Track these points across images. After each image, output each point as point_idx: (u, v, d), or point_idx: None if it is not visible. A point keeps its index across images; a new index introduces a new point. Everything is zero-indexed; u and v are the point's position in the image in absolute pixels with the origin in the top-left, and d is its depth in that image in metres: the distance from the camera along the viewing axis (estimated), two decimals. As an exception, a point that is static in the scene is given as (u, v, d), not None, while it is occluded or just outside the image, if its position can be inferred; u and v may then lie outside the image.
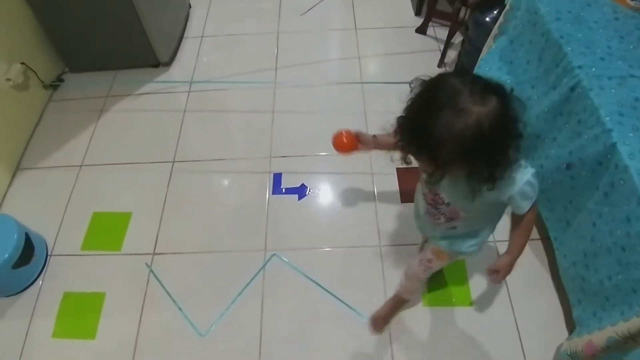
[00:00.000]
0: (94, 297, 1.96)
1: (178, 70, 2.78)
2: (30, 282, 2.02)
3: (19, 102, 2.50)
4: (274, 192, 2.19)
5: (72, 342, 1.86)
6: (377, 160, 2.25)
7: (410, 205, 2.09)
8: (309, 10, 3.07)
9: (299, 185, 2.21)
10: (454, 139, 0.93)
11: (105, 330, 1.87)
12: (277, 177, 2.24)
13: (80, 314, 1.93)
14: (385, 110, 2.43)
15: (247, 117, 2.51)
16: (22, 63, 2.47)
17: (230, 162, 2.33)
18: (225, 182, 2.30)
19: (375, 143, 1.53)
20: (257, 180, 2.24)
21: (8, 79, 2.36)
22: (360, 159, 2.26)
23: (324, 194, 2.19)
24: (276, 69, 2.72)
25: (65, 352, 1.83)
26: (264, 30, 2.96)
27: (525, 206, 1.18)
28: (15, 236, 1.93)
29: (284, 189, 2.20)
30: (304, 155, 2.32)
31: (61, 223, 2.19)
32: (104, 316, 1.90)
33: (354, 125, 2.38)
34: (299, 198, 2.17)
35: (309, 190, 2.19)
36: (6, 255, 1.87)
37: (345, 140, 1.55)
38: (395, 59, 2.73)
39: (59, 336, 1.87)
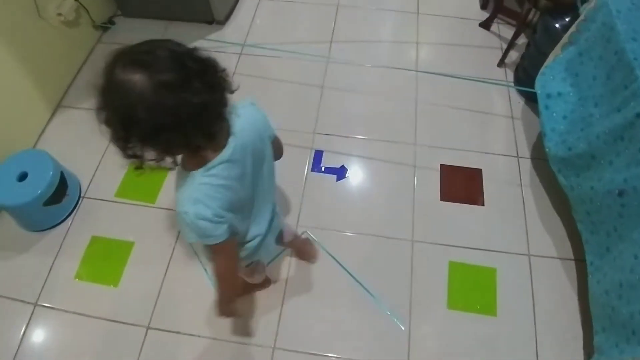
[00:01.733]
0: (123, 244, 1.96)
1: (232, 30, 2.72)
2: (59, 220, 2.03)
3: (68, 39, 2.47)
4: (313, 169, 2.15)
5: (93, 286, 1.86)
6: (421, 153, 2.19)
7: (450, 204, 2.06)
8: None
9: (339, 166, 2.16)
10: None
11: (128, 279, 1.88)
12: (318, 155, 2.19)
13: (106, 259, 1.93)
14: (435, 102, 2.39)
15: (295, 89, 2.45)
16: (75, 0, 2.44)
17: (273, 131, 2.28)
18: (265, 151, 2.25)
19: None
20: (298, 154, 2.20)
21: (59, 14, 2.34)
22: (405, 149, 2.20)
23: (363, 179, 2.14)
24: (331, 42, 2.65)
25: (86, 294, 1.84)
26: (324, 0, 2.88)
27: (189, 237, 1.04)
28: (51, 173, 1.93)
29: (323, 168, 2.15)
30: (347, 136, 2.26)
31: (97, 167, 2.18)
32: (130, 265, 1.91)
33: (401, 112, 2.35)
34: (337, 179, 2.12)
35: (349, 173, 2.14)
36: (39, 192, 1.88)
37: None
38: (454, 51, 2.63)
39: (81, 278, 1.88)
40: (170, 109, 0.85)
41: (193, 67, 0.88)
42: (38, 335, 1.77)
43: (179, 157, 1.01)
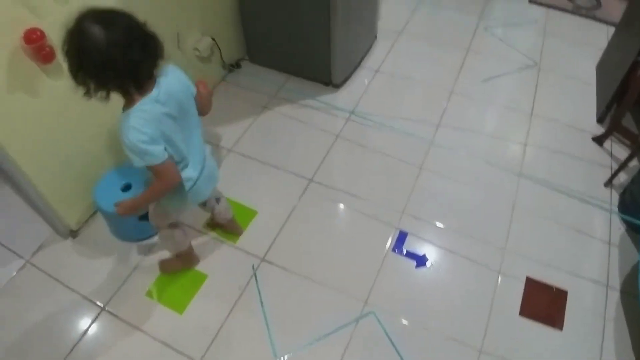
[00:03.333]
0: (197, 275, 2.02)
1: (345, 94, 2.83)
2: (147, 235, 2.13)
3: (197, 72, 2.66)
4: (394, 249, 2.12)
5: (160, 308, 1.92)
6: (509, 260, 2.09)
7: (528, 321, 1.93)
8: (490, 79, 2.99)
9: (421, 254, 2.11)
10: None
11: (193, 309, 1.92)
12: (402, 236, 2.16)
13: (178, 285, 1.99)
14: (533, 209, 2.30)
15: (393, 163, 2.47)
16: (213, 39, 2.66)
17: (363, 202, 2.30)
18: (351, 219, 2.26)
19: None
20: (382, 230, 2.19)
21: (196, 49, 2.55)
22: (493, 252, 2.12)
23: (443, 272, 2.07)
24: (438, 126, 2.66)
25: (151, 313, 1.90)
26: (439, 83, 2.93)
27: (135, 161, 1.37)
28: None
29: (405, 251, 2.12)
30: (436, 224, 2.22)
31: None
32: (198, 297, 1.95)
33: (496, 211, 2.28)
34: (417, 266, 2.07)
35: (429, 262, 2.09)
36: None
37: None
38: (561, 160, 2.54)
39: (151, 297, 1.95)
40: (114, 59, 1.21)
41: (139, 36, 1.26)
42: (97, 338, 1.84)
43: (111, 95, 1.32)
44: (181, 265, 2.03)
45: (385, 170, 2.45)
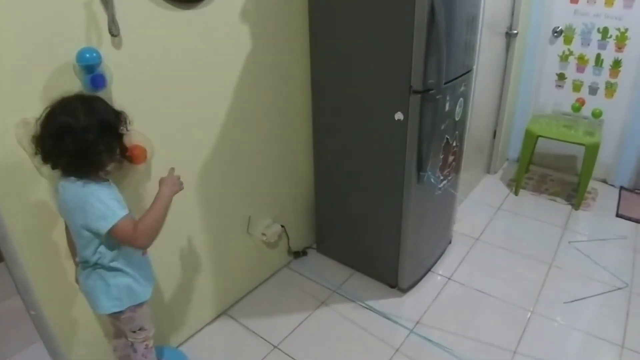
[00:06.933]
0: None
1: (410, 301, 2.61)
2: None
3: (261, 255, 2.64)
4: None
5: None
6: None
7: None
8: (574, 300, 2.65)
9: None
10: None
11: None
12: None
13: None
14: None
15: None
16: (282, 226, 2.66)
17: None
18: None
19: None
20: None
21: (264, 234, 2.54)
22: None
23: None
24: (515, 352, 2.31)
25: None
26: (517, 301, 2.62)
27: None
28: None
29: None
30: None
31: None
32: None
33: None
34: None
35: None
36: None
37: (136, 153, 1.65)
38: None
39: None
40: (72, 146, 1.34)
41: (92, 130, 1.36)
42: None
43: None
44: None
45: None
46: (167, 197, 1.55)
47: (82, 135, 1.34)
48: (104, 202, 1.42)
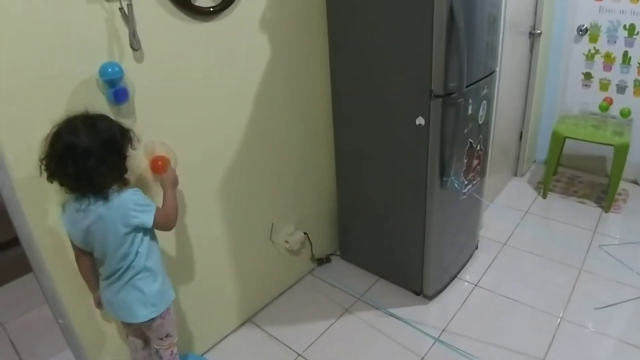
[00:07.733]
0: None
1: (436, 308, 2.57)
2: None
3: (285, 262, 2.64)
4: None
5: None
6: None
7: None
8: (606, 306, 2.57)
9: None
10: None
11: None
12: None
13: None
14: None
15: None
16: (305, 233, 2.66)
17: None
18: None
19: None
20: None
21: (287, 242, 2.54)
22: None
23: None
24: (544, 361, 2.26)
25: None
26: (546, 308, 2.55)
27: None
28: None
29: None
30: None
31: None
32: None
33: None
34: None
35: None
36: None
37: (160, 164, 1.71)
38: None
39: None
40: (73, 168, 1.38)
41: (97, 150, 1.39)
42: None
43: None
44: None
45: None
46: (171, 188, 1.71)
47: (84, 157, 1.37)
48: (142, 197, 1.56)
